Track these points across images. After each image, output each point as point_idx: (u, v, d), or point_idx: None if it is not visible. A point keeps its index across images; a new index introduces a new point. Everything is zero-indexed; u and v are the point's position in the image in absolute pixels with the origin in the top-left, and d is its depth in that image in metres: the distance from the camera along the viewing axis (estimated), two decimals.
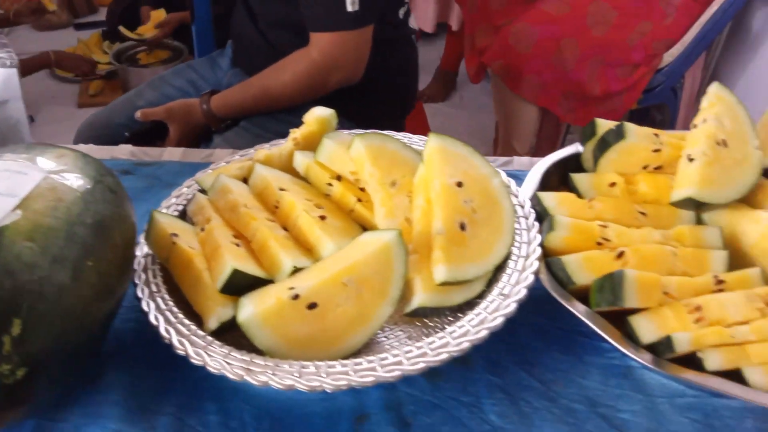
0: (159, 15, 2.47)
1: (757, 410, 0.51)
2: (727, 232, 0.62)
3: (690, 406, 0.53)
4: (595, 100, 1.56)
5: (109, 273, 0.51)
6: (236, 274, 0.55)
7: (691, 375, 0.50)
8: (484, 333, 0.53)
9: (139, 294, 0.57)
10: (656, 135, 0.67)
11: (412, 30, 1.34)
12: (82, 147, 0.87)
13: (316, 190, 0.69)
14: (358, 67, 1.13)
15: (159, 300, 0.56)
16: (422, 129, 1.55)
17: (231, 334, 0.55)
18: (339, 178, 0.68)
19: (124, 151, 0.86)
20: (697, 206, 0.63)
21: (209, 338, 0.53)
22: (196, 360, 0.50)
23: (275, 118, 1.17)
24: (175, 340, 0.52)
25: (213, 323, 0.54)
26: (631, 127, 0.65)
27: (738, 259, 0.61)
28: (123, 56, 2.56)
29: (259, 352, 0.52)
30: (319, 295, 0.54)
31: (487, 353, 0.58)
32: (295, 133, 0.73)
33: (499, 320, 0.54)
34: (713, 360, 0.49)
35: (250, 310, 0.52)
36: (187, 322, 0.54)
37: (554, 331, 0.60)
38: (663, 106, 1.77)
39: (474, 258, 0.59)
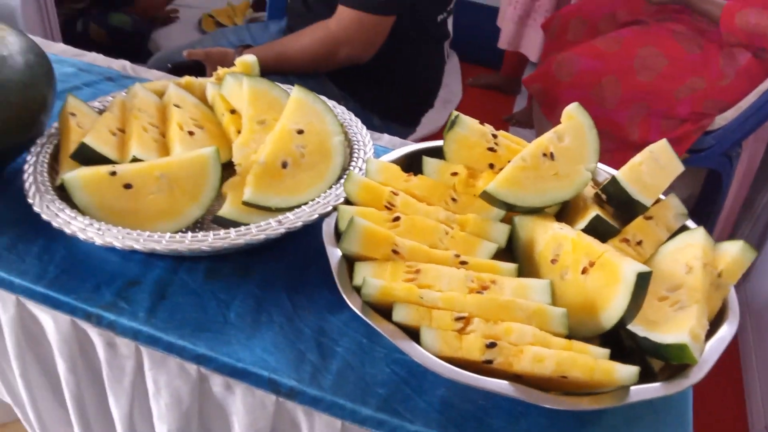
0: None
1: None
2: (526, 238, 0.65)
3: (397, 361, 0.59)
4: (634, 146, 1.53)
5: None
6: (84, 146, 0.69)
7: (380, 323, 0.55)
8: (261, 237, 0.62)
9: (30, 150, 0.73)
10: (494, 135, 0.71)
11: (447, 35, 1.42)
12: (93, 55, 1.06)
13: (212, 116, 0.81)
14: (367, 50, 1.24)
15: (40, 157, 0.72)
16: None
17: None
18: (233, 111, 0.80)
19: (122, 65, 1.04)
20: (507, 207, 0.67)
21: (53, 195, 0.67)
22: (36, 208, 0.65)
23: (287, 80, 1.31)
24: (31, 191, 0.67)
25: (58, 180, 0.69)
26: (464, 119, 0.70)
27: (530, 265, 0.64)
28: (254, 22, 2.86)
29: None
30: (135, 179, 0.66)
31: (266, 273, 0.67)
32: (219, 71, 0.85)
33: (280, 230, 0.63)
34: (399, 312, 0.54)
35: (74, 173, 0.65)
36: (47, 179, 0.69)
37: (330, 269, 0.66)
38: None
39: (282, 192, 0.68)
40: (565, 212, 0.69)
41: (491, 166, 0.72)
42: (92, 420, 0.71)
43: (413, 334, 0.54)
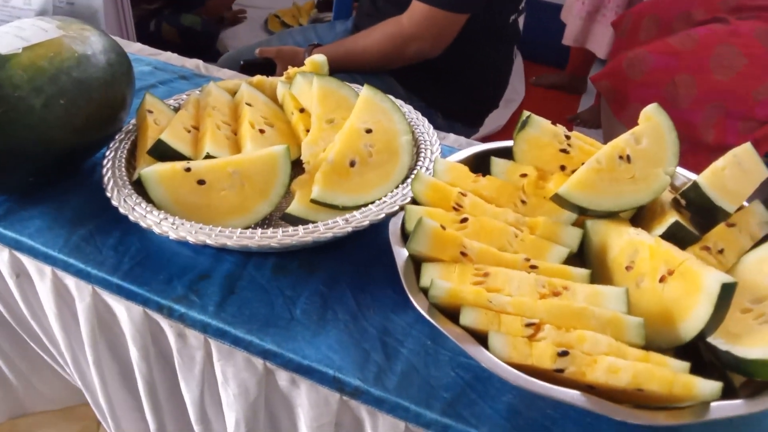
0: None
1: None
2: (600, 243, 0.63)
3: (462, 365, 0.58)
4: (708, 148, 1.46)
5: (77, 115, 0.70)
6: (160, 143, 0.71)
7: (447, 325, 0.54)
8: (329, 235, 0.62)
9: (109, 145, 0.75)
10: (567, 137, 0.69)
11: (518, 35, 1.39)
12: (168, 54, 1.09)
13: (282, 114, 0.82)
14: (437, 46, 1.23)
15: (119, 153, 0.74)
16: None
17: None
18: (302, 110, 0.81)
19: (195, 64, 1.07)
20: (580, 211, 0.65)
21: (130, 189, 0.69)
22: (114, 201, 0.67)
23: (353, 78, 1.32)
24: (109, 185, 0.69)
25: (135, 175, 0.71)
26: (536, 119, 0.68)
27: (602, 271, 0.62)
28: (318, 22, 2.90)
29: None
30: (208, 174, 0.68)
31: (332, 270, 0.67)
32: (290, 71, 0.86)
33: (347, 229, 0.63)
34: (467, 316, 0.53)
35: (150, 169, 0.67)
36: (125, 174, 0.72)
37: (395, 268, 0.66)
38: None
39: (350, 190, 0.68)
40: (640, 217, 0.67)
41: (562, 167, 0.70)
42: (164, 404, 0.73)
43: (480, 338, 0.53)
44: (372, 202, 0.68)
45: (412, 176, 0.70)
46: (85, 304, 0.68)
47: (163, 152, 0.71)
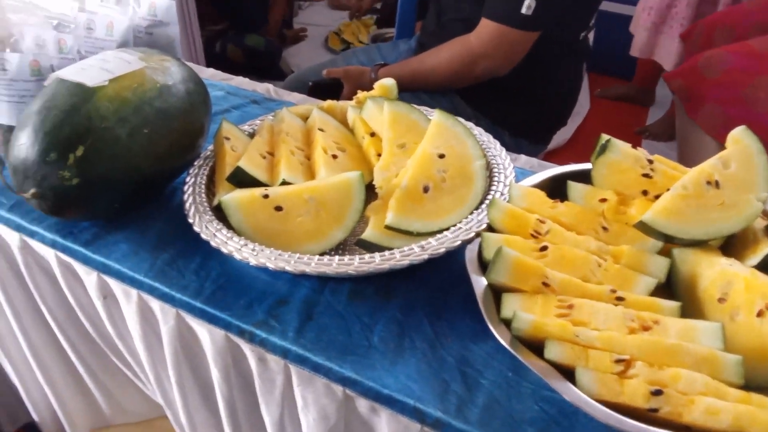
0: None
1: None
2: (689, 273, 0.61)
3: (546, 399, 0.56)
4: None
5: (159, 143, 0.73)
6: (239, 170, 0.72)
7: (530, 359, 0.53)
8: (405, 262, 0.62)
9: (189, 171, 0.78)
10: (650, 161, 0.66)
11: (588, 52, 1.37)
12: (239, 79, 1.12)
13: (353, 138, 0.83)
14: (506, 64, 1.22)
15: (198, 179, 0.77)
16: None
17: None
18: (373, 134, 0.82)
19: (266, 88, 1.10)
20: (666, 239, 0.62)
21: (211, 215, 0.71)
22: (196, 227, 0.69)
23: (418, 98, 1.32)
24: (191, 211, 0.71)
25: (214, 201, 0.73)
26: (615, 143, 0.66)
27: (692, 303, 0.60)
28: (378, 39, 2.93)
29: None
30: (285, 201, 0.69)
31: (408, 297, 0.67)
32: (360, 95, 0.87)
33: (423, 256, 0.63)
34: (553, 349, 0.52)
35: (231, 196, 0.69)
36: (205, 200, 0.74)
37: (472, 296, 0.65)
38: None
39: (424, 216, 0.68)
40: (730, 245, 0.64)
41: (644, 192, 0.68)
42: (243, 424, 0.75)
43: (565, 372, 0.52)
44: (446, 228, 0.67)
45: (487, 202, 0.70)
46: (169, 327, 0.70)
47: (241, 179, 0.73)
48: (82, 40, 0.86)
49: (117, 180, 0.70)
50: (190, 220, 0.69)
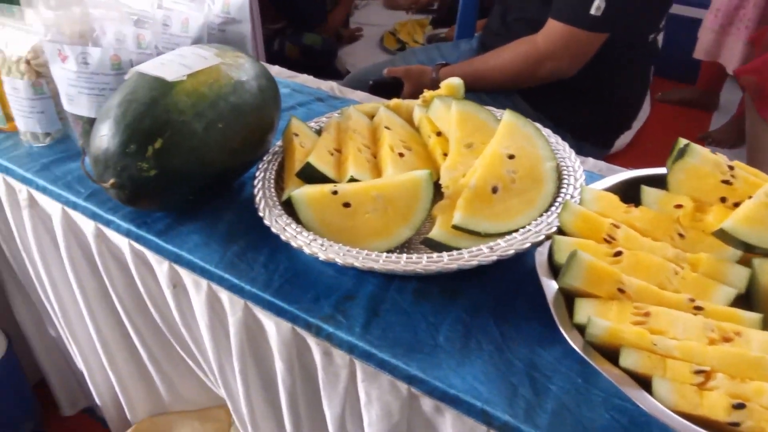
0: None
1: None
2: None
3: (617, 408, 0.55)
4: None
5: (233, 138, 0.74)
6: (308, 166, 0.73)
7: (604, 366, 0.52)
8: (474, 263, 0.62)
9: (258, 166, 0.79)
10: (730, 167, 0.64)
11: (656, 54, 1.33)
12: (304, 77, 1.14)
13: (418, 137, 0.83)
14: (572, 66, 1.20)
15: (267, 173, 0.78)
16: None
17: None
18: (439, 133, 0.81)
19: (330, 86, 1.11)
20: (746, 248, 0.60)
21: (280, 210, 0.72)
22: (266, 221, 0.70)
23: (479, 98, 1.31)
24: (261, 204, 0.72)
25: (284, 196, 0.74)
26: (695, 148, 0.64)
27: None
28: (434, 39, 2.92)
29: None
30: (353, 198, 0.70)
31: (473, 298, 0.67)
32: (426, 94, 0.87)
33: (492, 257, 0.62)
34: (628, 357, 0.51)
35: (301, 191, 0.70)
36: (274, 194, 0.75)
37: (540, 300, 0.64)
38: None
39: (492, 217, 0.68)
40: None
41: (723, 199, 0.65)
42: (303, 417, 0.76)
43: (640, 381, 0.50)
44: (515, 230, 0.67)
45: (557, 204, 0.69)
46: (237, 318, 0.71)
47: (310, 174, 0.74)
48: (159, 35, 0.89)
49: (192, 172, 0.72)
50: (260, 214, 0.71)
